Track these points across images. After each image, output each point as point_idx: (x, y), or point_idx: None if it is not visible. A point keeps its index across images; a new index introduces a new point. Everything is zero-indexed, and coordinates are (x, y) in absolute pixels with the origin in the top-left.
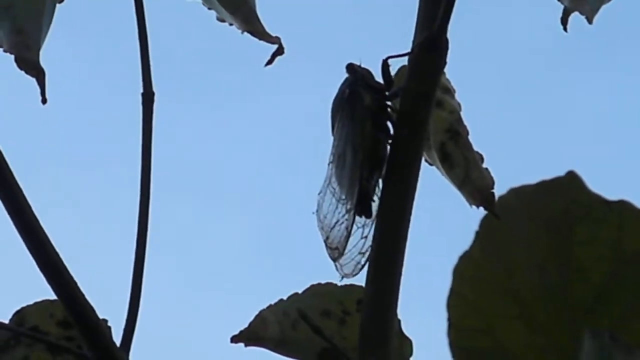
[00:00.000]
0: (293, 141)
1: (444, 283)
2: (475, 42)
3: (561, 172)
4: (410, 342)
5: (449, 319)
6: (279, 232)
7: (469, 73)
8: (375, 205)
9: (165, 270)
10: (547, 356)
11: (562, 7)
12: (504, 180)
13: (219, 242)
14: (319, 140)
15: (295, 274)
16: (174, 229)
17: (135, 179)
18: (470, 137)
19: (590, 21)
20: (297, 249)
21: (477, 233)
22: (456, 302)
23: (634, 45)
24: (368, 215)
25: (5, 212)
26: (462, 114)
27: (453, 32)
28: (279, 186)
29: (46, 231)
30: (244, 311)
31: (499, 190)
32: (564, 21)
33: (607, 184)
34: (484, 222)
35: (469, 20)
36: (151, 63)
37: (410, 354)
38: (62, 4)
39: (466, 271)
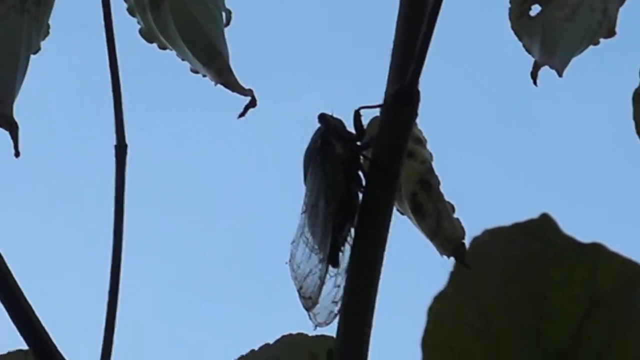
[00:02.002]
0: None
1: (418, 324)
2: (445, 91)
3: (535, 215)
4: None
5: (424, 359)
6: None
7: (440, 121)
8: (346, 255)
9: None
10: None
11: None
12: (479, 223)
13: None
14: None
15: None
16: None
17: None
18: (441, 187)
19: (560, 74)
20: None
21: (452, 273)
22: (430, 342)
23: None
24: (335, 265)
25: None
26: (433, 164)
27: (424, 81)
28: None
29: (19, 283)
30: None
31: (473, 232)
32: (534, 75)
33: (580, 226)
34: (458, 263)
35: (440, 70)
36: (124, 115)
37: None
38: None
39: (441, 311)
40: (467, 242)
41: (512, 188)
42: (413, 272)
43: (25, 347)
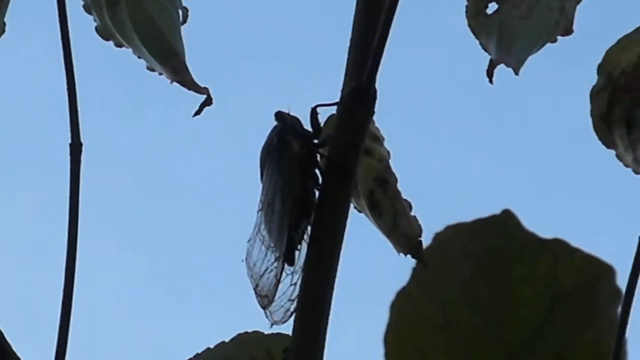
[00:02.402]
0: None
1: (381, 319)
2: (403, 88)
3: (497, 211)
4: None
5: (386, 355)
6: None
7: (398, 119)
8: (302, 253)
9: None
10: None
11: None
12: (438, 221)
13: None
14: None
15: None
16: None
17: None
18: (398, 185)
19: (516, 73)
20: None
21: (414, 269)
22: (393, 338)
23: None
24: (292, 263)
25: None
26: (390, 161)
27: (381, 78)
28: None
29: None
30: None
31: (434, 228)
32: (490, 73)
33: (541, 222)
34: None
35: (397, 67)
36: (79, 114)
37: None
38: None
39: (403, 307)
40: (423, 239)
41: (472, 184)
42: (374, 268)
43: None
